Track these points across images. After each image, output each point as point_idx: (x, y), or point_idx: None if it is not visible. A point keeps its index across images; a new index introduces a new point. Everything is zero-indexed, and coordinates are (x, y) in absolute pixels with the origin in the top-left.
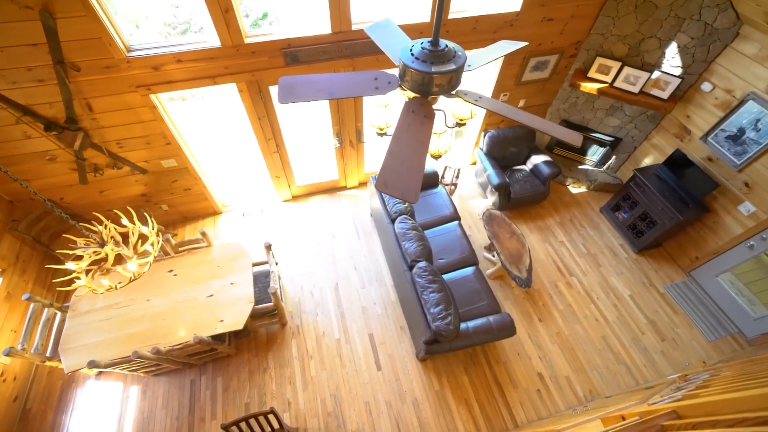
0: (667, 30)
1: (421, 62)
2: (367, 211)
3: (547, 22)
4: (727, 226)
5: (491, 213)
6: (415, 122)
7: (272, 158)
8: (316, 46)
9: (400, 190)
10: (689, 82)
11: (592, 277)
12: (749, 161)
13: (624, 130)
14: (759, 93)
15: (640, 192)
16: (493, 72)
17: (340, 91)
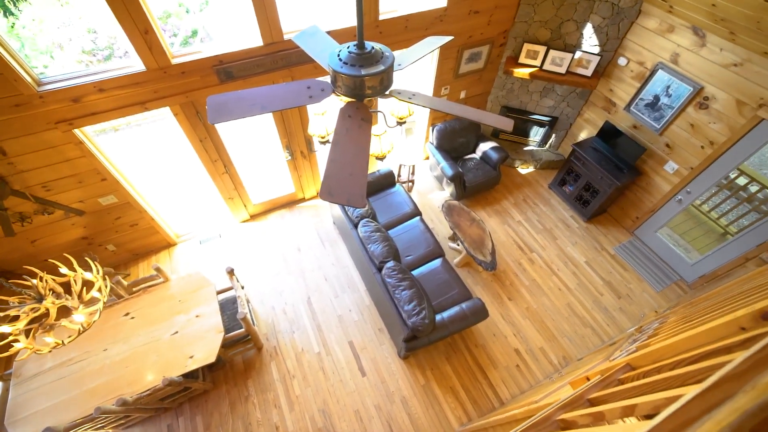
0: (582, 12)
1: (349, 66)
2: (329, 220)
3: (474, 15)
4: (657, 185)
5: (450, 204)
6: (353, 126)
7: (222, 180)
8: (249, 60)
9: (345, 197)
10: (607, 58)
11: (551, 250)
12: (667, 125)
13: (558, 109)
14: (665, 62)
15: (581, 165)
16: (432, 68)
17: (273, 104)
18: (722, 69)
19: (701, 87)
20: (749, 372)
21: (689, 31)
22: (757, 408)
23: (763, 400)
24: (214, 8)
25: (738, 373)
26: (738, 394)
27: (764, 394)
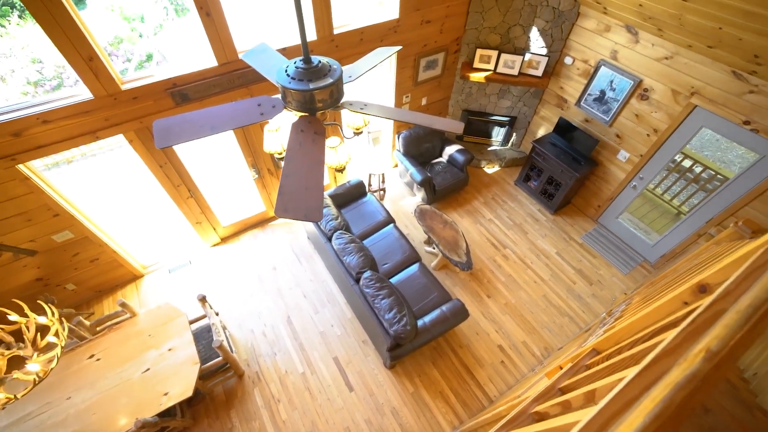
0: (526, 17)
1: (298, 81)
2: (303, 236)
3: (426, 24)
4: (613, 173)
5: (422, 208)
6: (306, 141)
7: (187, 205)
8: (205, 81)
9: (302, 212)
10: (554, 58)
11: (523, 244)
12: (615, 116)
13: (515, 108)
14: (606, 59)
15: (542, 160)
16: (391, 77)
17: (224, 124)
18: (656, 62)
19: (640, 80)
20: (682, 345)
21: (623, 29)
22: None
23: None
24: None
25: (672, 348)
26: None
27: (692, 365)
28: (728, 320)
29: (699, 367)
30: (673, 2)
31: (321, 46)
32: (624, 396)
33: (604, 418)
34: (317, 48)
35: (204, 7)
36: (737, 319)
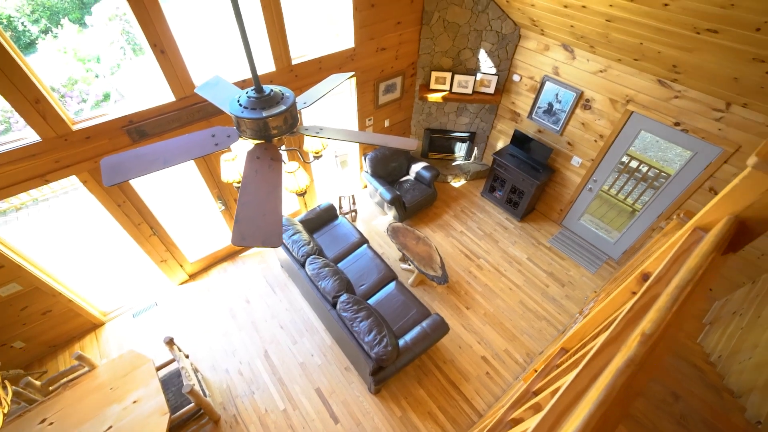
0: (473, 41)
1: (251, 110)
2: (276, 265)
3: (381, 51)
4: (569, 178)
5: (394, 226)
6: (263, 167)
7: (150, 243)
8: (163, 116)
9: (260, 238)
10: (503, 77)
11: (495, 253)
12: (564, 126)
13: (474, 124)
14: (550, 75)
15: (504, 171)
16: (353, 102)
17: (177, 157)
18: (592, 75)
19: (582, 92)
20: (624, 332)
21: (561, 47)
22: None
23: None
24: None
25: (615, 336)
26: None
27: (630, 349)
28: (660, 303)
29: (635, 351)
30: (599, 22)
31: (281, 76)
32: (573, 389)
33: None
34: (277, 78)
35: (158, 44)
36: (667, 301)
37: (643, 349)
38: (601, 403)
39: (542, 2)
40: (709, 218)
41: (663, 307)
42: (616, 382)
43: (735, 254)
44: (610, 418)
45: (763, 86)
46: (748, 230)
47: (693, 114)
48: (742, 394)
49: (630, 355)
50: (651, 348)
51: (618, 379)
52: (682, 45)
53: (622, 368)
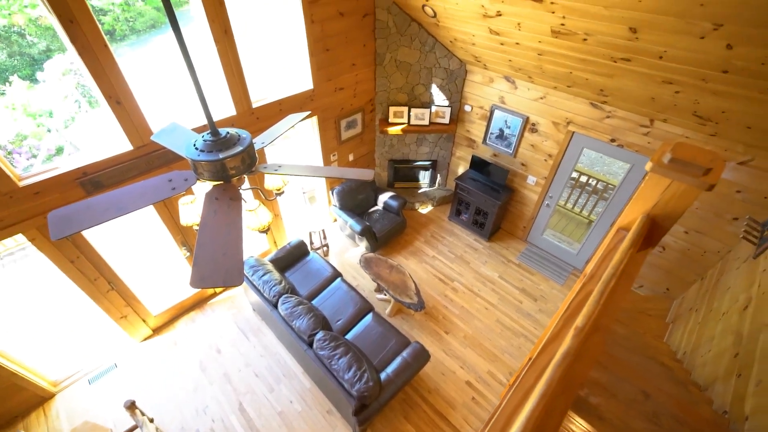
0: (425, 77)
1: (207, 153)
2: (248, 308)
3: (339, 91)
4: (527, 196)
5: (366, 257)
6: (222, 208)
7: (108, 299)
8: (120, 165)
9: (221, 278)
10: (456, 107)
11: (468, 274)
12: (516, 149)
13: (434, 153)
14: (497, 104)
15: (467, 194)
16: (316, 139)
17: (131, 204)
18: (534, 102)
19: (527, 117)
20: (564, 329)
21: (503, 79)
22: (561, 358)
23: (564, 350)
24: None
25: (556, 333)
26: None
27: (566, 343)
28: (589, 299)
29: (569, 344)
30: (532, 56)
31: (242, 119)
32: (522, 388)
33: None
34: (239, 121)
35: (113, 96)
36: (595, 295)
37: (576, 341)
38: (542, 396)
39: (481, 41)
40: (628, 219)
41: (592, 302)
42: (554, 375)
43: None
44: (553, 409)
45: (675, 104)
46: (659, 226)
47: (624, 130)
48: (708, 386)
49: (565, 349)
50: (584, 340)
51: (556, 372)
52: (604, 72)
53: (559, 361)
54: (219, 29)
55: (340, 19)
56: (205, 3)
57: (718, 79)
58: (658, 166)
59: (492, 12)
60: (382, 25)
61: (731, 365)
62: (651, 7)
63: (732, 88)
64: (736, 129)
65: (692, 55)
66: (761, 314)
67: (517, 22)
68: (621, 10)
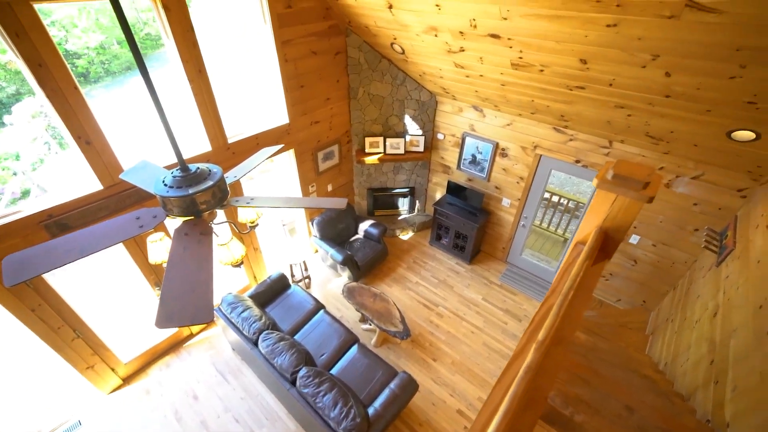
0: (398, 109)
1: (176, 189)
2: (227, 348)
3: (315, 124)
4: (504, 218)
5: (349, 286)
6: (191, 243)
7: (73, 348)
8: (89, 206)
9: (189, 316)
10: (429, 136)
11: (452, 299)
12: (489, 173)
13: (411, 180)
14: (468, 131)
15: (446, 219)
16: (294, 172)
17: (97, 244)
18: (502, 129)
19: (497, 143)
20: (528, 345)
21: (472, 109)
22: (523, 372)
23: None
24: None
25: (521, 349)
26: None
27: (528, 358)
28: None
29: (531, 358)
30: (496, 87)
31: (218, 155)
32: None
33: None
34: (214, 157)
35: (82, 136)
36: (554, 309)
37: (537, 355)
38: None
39: (448, 74)
40: (584, 233)
41: (551, 315)
42: (518, 390)
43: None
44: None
45: (629, 126)
46: (611, 238)
47: (587, 152)
48: (690, 396)
49: (527, 363)
50: (545, 353)
51: (519, 388)
52: (562, 99)
53: (521, 376)
54: (193, 69)
55: (313, 57)
56: (179, 46)
57: (663, 103)
58: (603, 182)
59: (455, 48)
60: (354, 62)
61: (708, 373)
62: (596, 41)
63: (675, 110)
64: (684, 147)
65: (637, 82)
66: (729, 320)
67: (479, 57)
68: (570, 44)
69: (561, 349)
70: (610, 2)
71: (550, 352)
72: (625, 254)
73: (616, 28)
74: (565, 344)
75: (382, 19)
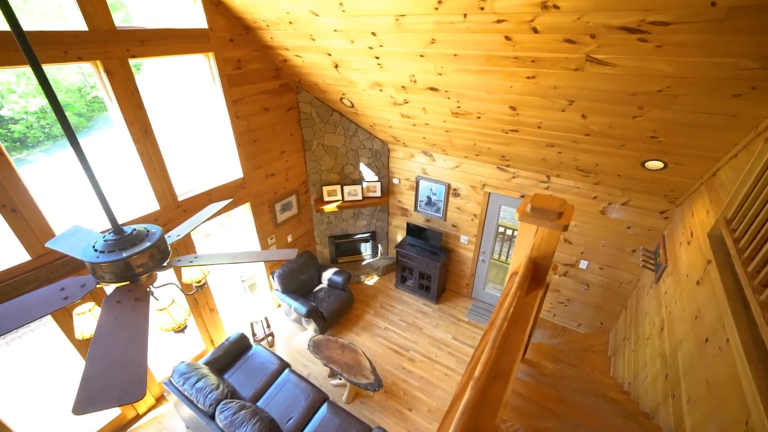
0: (353, 158)
1: (108, 254)
2: (180, 427)
3: (271, 177)
4: (463, 255)
5: (315, 340)
6: (124, 312)
7: None
8: (14, 279)
9: (116, 395)
10: (385, 181)
11: (422, 341)
12: (445, 213)
13: (372, 224)
14: (421, 175)
15: (408, 260)
16: (251, 225)
17: (10, 322)
18: (452, 170)
19: (449, 184)
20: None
21: (422, 154)
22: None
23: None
24: None
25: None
26: None
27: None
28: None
29: (468, 396)
30: (441, 133)
31: (166, 214)
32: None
33: None
34: (162, 216)
35: (8, 204)
36: (489, 342)
37: (474, 392)
38: None
39: (396, 124)
40: (517, 263)
41: (486, 350)
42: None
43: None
44: None
45: (561, 162)
46: (540, 266)
47: (529, 187)
48: (654, 413)
49: (464, 402)
50: (482, 389)
51: (457, 428)
52: (501, 141)
53: (458, 418)
54: (138, 130)
55: (266, 113)
56: (124, 108)
57: (585, 140)
58: (524, 215)
59: (400, 100)
60: (307, 117)
61: (665, 388)
62: (520, 91)
63: (596, 146)
64: (610, 177)
65: (561, 123)
66: (674, 334)
67: (422, 107)
68: (499, 94)
69: (501, 383)
70: (526, 59)
71: (489, 387)
72: (577, 279)
73: (534, 79)
74: (505, 378)
75: (330, 77)
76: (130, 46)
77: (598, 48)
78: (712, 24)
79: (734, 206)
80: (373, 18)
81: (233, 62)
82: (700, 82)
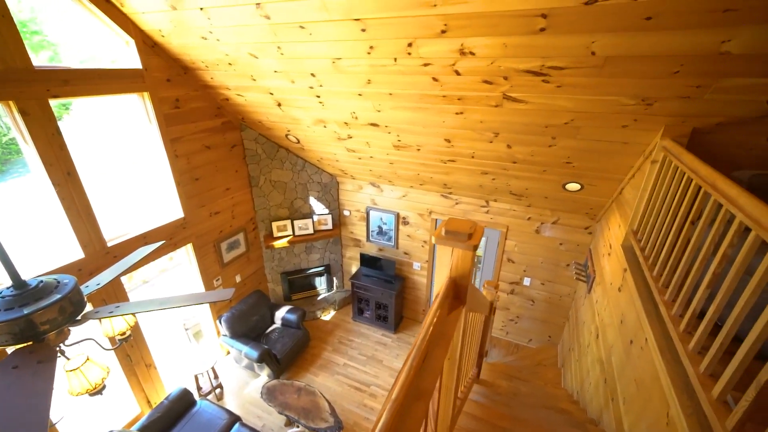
0: (302, 192)
1: (5, 311)
2: None
3: (215, 215)
4: (418, 281)
5: (269, 386)
6: (23, 378)
7: None
8: None
9: None
10: (336, 214)
11: (383, 374)
12: (396, 241)
13: (325, 258)
14: (371, 206)
15: (364, 291)
16: (194, 268)
17: None
18: (399, 200)
19: (398, 213)
20: None
21: (370, 185)
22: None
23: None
24: None
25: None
26: None
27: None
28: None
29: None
30: (386, 165)
31: (93, 262)
32: None
33: None
34: (89, 265)
35: None
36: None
37: (391, 415)
38: None
39: (343, 158)
40: (439, 284)
41: (405, 370)
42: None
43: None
44: None
45: (496, 187)
46: (459, 285)
47: (472, 212)
48: (599, 419)
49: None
50: (399, 411)
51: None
52: (441, 171)
53: None
54: (60, 172)
55: (208, 151)
56: (42, 150)
57: (513, 167)
58: (440, 238)
59: (344, 135)
60: (252, 153)
61: (606, 392)
62: (452, 125)
63: (523, 172)
64: (539, 199)
65: (490, 153)
66: (606, 339)
67: (366, 141)
68: (434, 128)
69: (422, 403)
70: (453, 97)
71: (410, 408)
72: (523, 296)
73: (463, 114)
74: (426, 399)
75: (273, 115)
76: (51, 86)
77: (511, 87)
78: (595, 69)
79: (637, 219)
80: (311, 60)
81: (171, 102)
82: (595, 116)
